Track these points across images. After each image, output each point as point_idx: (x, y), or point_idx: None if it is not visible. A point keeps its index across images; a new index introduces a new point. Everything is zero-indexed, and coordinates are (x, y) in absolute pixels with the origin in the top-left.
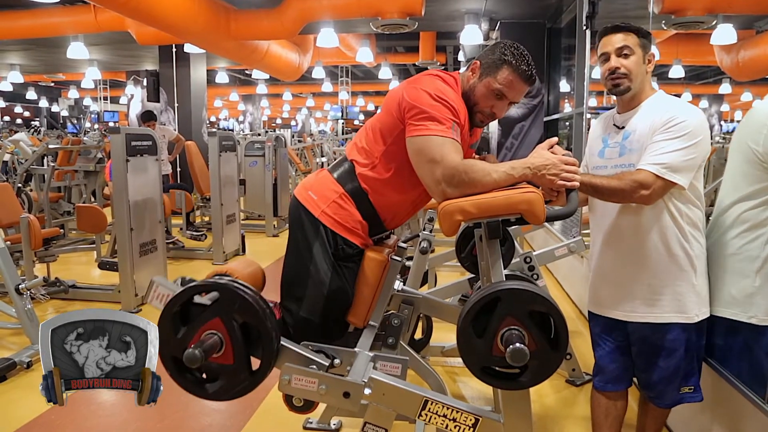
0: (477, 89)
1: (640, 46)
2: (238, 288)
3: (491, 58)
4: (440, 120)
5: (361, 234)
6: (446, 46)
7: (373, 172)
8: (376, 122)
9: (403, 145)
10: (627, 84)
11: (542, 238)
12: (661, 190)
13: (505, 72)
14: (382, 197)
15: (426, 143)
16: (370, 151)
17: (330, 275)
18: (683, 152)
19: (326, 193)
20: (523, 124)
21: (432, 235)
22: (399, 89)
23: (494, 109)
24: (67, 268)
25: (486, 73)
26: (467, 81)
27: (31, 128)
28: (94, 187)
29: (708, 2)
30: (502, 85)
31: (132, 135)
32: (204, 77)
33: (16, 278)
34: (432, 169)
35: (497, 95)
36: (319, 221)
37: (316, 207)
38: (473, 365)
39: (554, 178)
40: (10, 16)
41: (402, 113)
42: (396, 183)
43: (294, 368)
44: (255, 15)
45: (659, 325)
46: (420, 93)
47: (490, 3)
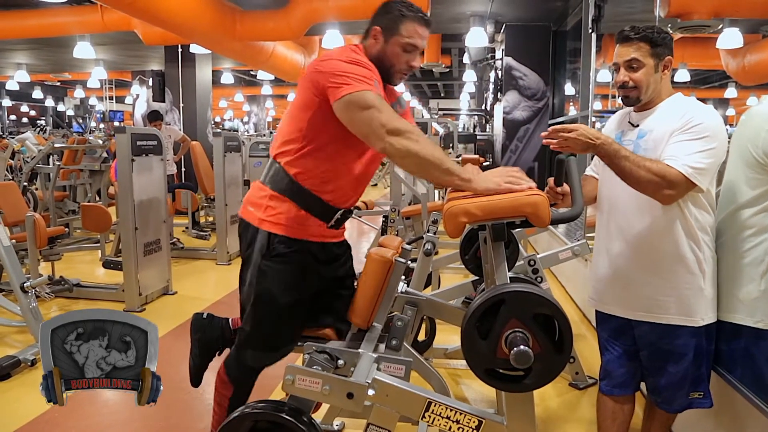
0: (388, 51)
1: (652, 55)
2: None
3: (388, 18)
4: (362, 78)
5: (294, 226)
6: (451, 48)
7: (300, 158)
8: (292, 109)
9: (324, 115)
10: (636, 95)
11: (546, 241)
12: (683, 192)
13: (407, 25)
14: (316, 178)
15: (358, 96)
16: (292, 139)
17: (256, 278)
18: (704, 154)
19: (259, 201)
20: (528, 126)
21: (436, 237)
22: (309, 69)
23: (410, 62)
24: (72, 267)
25: (390, 34)
26: (372, 48)
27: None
28: (99, 187)
29: (714, 6)
30: (410, 37)
31: (138, 135)
32: (209, 78)
33: (22, 276)
34: (371, 114)
35: (408, 49)
36: (258, 229)
37: (254, 217)
38: (477, 367)
39: (501, 179)
40: (18, 15)
41: (319, 86)
42: (325, 157)
43: (298, 368)
44: (261, 16)
45: (667, 330)
46: (333, 62)
47: (496, 5)
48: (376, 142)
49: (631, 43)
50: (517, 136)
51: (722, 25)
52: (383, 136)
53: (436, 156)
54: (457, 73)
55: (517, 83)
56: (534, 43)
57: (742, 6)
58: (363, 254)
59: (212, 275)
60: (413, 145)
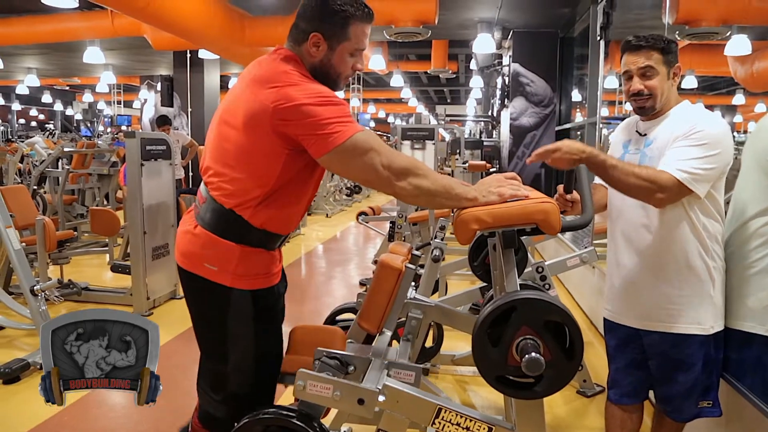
0: (334, 60)
1: (664, 62)
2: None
3: (333, 22)
4: (344, 119)
5: (274, 268)
6: (458, 54)
7: (263, 207)
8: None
9: (293, 163)
10: (652, 104)
11: (553, 248)
12: (676, 196)
13: (356, 27)
14: (281, 221)
15: (351, 144)
16: (251, 188)
17: (255, 339)
18: (703, 161)
19: (225, 256)
20: (535, 133)
21: (444, 243)
22: (255, 102)
23: (356, 65)
24: (80, 271)
25: (336, 41)
26: (312, 57)
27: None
28: (108, 191)
29: (722, 13)
30: (358, 40)
31: (147, 139)
32: (218, 83)
33: (32, 280)
34: (371, 160)
35: (355, 54)
36: (232, 289)
37: (224, 276)
38: (488, 374)
39: (501, 189)
40: (29, 21)
41: (289, 137)
42: (290, 200)
43: (309, 374)
44: (270, 21)
45: (677, 339)
46: (301, 107)
47: (504, 12)
48: (385, 188)
49: (642, 52)
50: (524, 142)
51: (730, 32)
52: (391, 182)
53: (444, 185)
54: (463, 79)
55: (524, 89)
56: (541, 49)
57: (751, 13)
58: (369, 260)
59: None
60: (422, 182)
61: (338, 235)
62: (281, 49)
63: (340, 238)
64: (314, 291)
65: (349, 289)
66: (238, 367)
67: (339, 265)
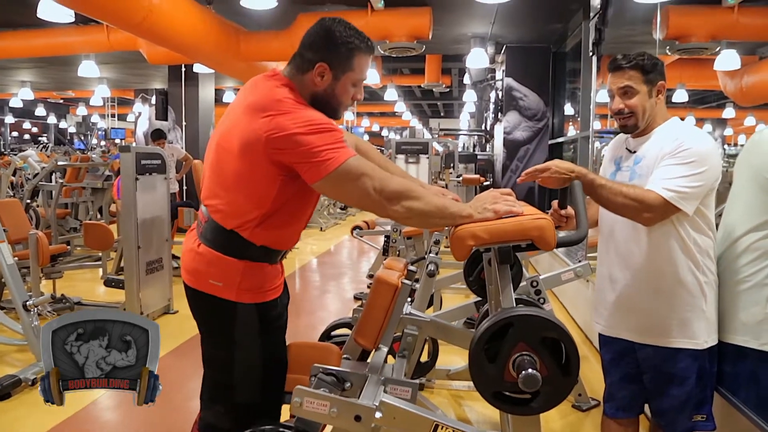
0: (337, 90)
1: (644, 81)
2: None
3: (339, 53)
4: (336, 145)
5: (277, 281)
6: (451, 68)
7: (262, 228)
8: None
9: (288, 187)
10: (633, 122)
11: (547, 262)
12: (663, 215)
13: (358, 59)
14: (281, 239)
15: (343, 171)
16: (249, 210)
17: (261, 351)
18: (690, 179)
19: (229, 273)
20: (528, 146)
21: (439, 258)
22: (250, 130)
23: (357, 95)
24: (72, 285)
25: (341, 71)
26: (315, 87)
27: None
28: (101, 204)
29: (712, 28)
30: (361, 71)
31: (142, 154)
32: (212, 97)
33: (24, 294)
34: (363, 184)
35: (357, 84)
36: (237, 303)
37: (229, 292)
38: (485, 390)
39: (496, 206)
40: (25, 35)
41: (283, 164)
42: (287, 221)
43: (306, 391)
44: (265, 36)
45: (670, 353)
46: (294, 137)
47: (497, 27)
48: (379, 211)
49: (624, 72)
50: (518, 156)
51: (720, 47)
52: (384, 206)
53: (437, 205)
54: (457, 93)
55: (517, 104)
56: (534, 64)
57: (738, 29)
58: (363, 274)
59: None
60: (414, 204)
61: (332, 248)
62: (277, 75)
63: (334, 251)
64: (309, 305)
65: (344, 303)
66: (244, 379)
67: (333, 279)
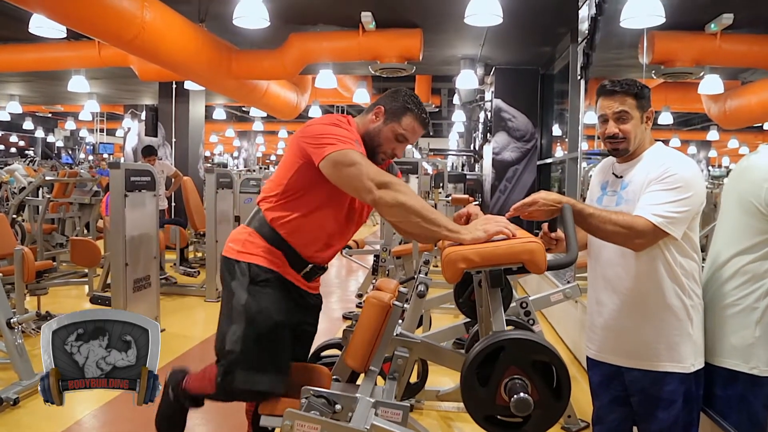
0: (382, 133)
1: (637, 107)
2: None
3: (395, 105)
4: (343, 138)
5: (272, 259)
6: (441, 89)
7: (277, 207)
8: (278, 169)
9: (303, 174)
10: (625, 146)
11: (536, 283)
12: (653, 240)
13: (408, 119)
14: (288, 225)
15: (342, 154)
16: (273, 192)
17: (247, 299)
18: (677, 204)
19: (239, 237)
20: (517, 167)
21: (429, 279)
22: (295, 136)
23: (396, 150)
24: (57, 302)
25: (390, 119)
26: (369, 124)
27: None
28: (89, 220)
29: (696, 54)
30: (405, 130)
31: (131, 170)
32: (202, 113)
33: (8, 312)
34: (358, 170)
35: (400, 139)
36: (235, 260)
37: (232, 251)
38: (476, 414)
39: (487, 226)
40: (16, 49)
41: (302, 149)
42: (298, 208)
43: (297, 414)
44: (256, 55)
45: (657, 376)
46: (315, 126)
47: (486, 49)
48: (366, 194)
49: (617, 97)
50: (506, 176)
51: (703, 72)
52: (372, 189)
53: (423, 206)
54: (446, 113)
55: (506, 125)
56: (523, 85)
57: (721, 55)
58: (352, 293)
59: (201, 312)
60: (401, 196)
61: None
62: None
63: None
64: None
65: (332, 322)
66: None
67: None
